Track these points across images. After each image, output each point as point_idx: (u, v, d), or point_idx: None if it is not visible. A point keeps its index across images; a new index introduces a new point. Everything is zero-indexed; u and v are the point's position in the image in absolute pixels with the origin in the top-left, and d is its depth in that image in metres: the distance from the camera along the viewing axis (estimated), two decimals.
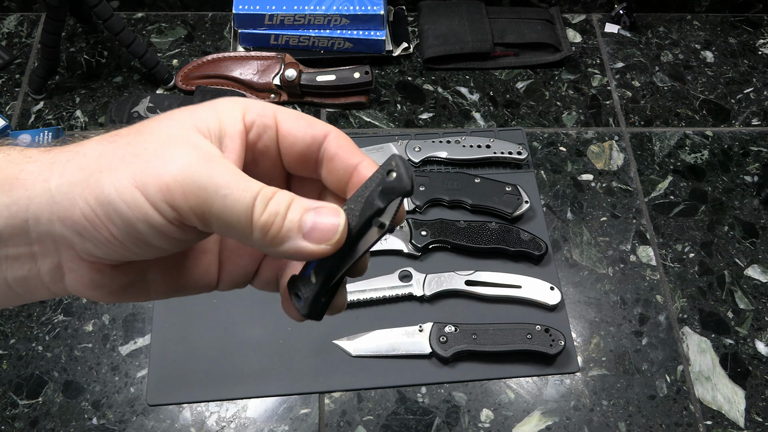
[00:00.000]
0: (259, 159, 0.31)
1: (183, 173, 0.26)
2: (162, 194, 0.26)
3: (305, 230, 0.27)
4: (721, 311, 0.85)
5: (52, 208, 0.27)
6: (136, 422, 0.74)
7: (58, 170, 0.27)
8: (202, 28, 1.08)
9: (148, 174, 0.26)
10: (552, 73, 1.05)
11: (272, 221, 0.27)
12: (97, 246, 0.27)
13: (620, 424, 0.76)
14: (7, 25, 1.06)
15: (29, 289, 0.29)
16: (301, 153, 0.31)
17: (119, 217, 0.26)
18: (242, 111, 0.30)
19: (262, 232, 0.27)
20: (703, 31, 1.12)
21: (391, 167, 0.28)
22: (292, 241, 0.27)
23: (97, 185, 0.26)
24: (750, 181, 0.96)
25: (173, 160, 0.26)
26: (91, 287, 0.29)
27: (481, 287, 0.82)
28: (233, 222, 0.27)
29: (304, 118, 0.31)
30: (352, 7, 0.99)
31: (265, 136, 0.30)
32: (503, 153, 0.92)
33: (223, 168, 0.27)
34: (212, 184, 0.26)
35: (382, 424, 0.75)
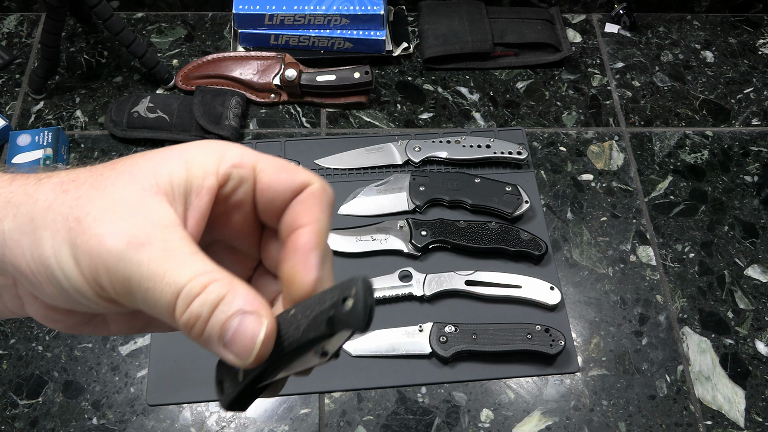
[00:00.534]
0: (231, 212, 0.29)
1: (111, 256, 0.25)
2: (90, 272, 0.25)
3: (225, 339, 0.25)
4: (721, 311, 0.85)
5: (3, 249, 0.26)
6: (136, 422, 0.74)
7: (11, 212, 0.26)
8: (202, 28, 1.08)
9: (82, 247, 0.25)
10: (552, 73, 1.05)
11: (192, 324, 0.25)
12: (42, 294, 0.27)
13: (620, 424, 0.76)
14: (7, 25, 1.07)
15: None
16: (278, 208, 0.28)
17: (56, 282, 0.26)
18: (216, 163, 0.27)
19: (185, 329, 0.25)
20: (703, 31, 1.12)
21: (351, 294, 0.24)
22: (213, 346, 0.26)
23: (39, 243, 0.26)
24: (750, 181, 0.96)
25: (107, 236, 0.25)
26: (48, 321, 0.29)
27: (481, 287, 0.82)
28: (158, 314, 0.25)
29: (285, 170, 0.28)
30: (352, 7, 0.99)
31: (241, 189, 0.28)
32: (503, 153, 0.92)
33: (156, 252, 0.25)
34: (137, 274, 0.25)
35: (382, 424, 0.75)
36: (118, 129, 0.94)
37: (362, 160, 0.93)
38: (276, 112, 0.99)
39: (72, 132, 0.96)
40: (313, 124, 0.98)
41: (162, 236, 0.25)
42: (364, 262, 0.84)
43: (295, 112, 0.99)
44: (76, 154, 0.94)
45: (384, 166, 0.92)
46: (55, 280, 0.26)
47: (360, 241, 0.84)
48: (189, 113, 0.93)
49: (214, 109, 0.93)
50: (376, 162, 0.92)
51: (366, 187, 0.90)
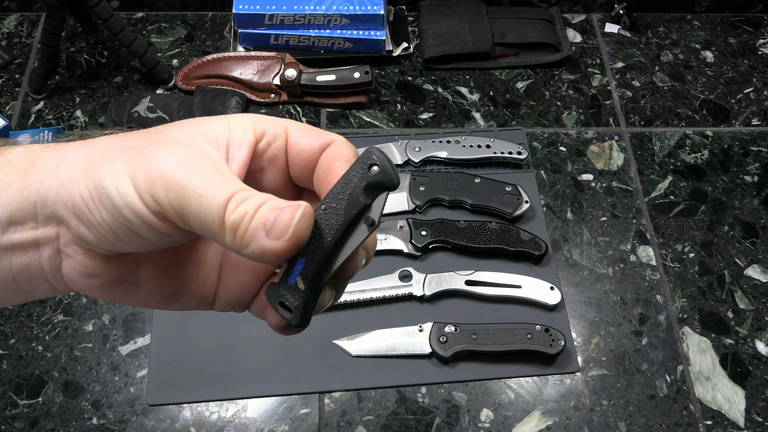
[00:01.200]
0: (267, 168, 0.32)
1: (168, 168, 0.27)
2: (147, 185, 0.27)
3: (267, 227, 0.27)
4: (721, 311, 0.85)
5: (58, 190, 0.28)
6: (136, 422, 0.74)
7: (69, 157, 0.29)
8: (202, 28, 1.08)
9: (140, 165, 0.27)
10: (552, 73, 1.05)
11: (240, 220, 0.27)
12: (90, 230, 0.28)
13: (620, 424, 0.76)
14: (7, 25, 1.06)
15: (31, 280, 0.30)
16: (307, 161, 0.31)
17: (109, 201, 0.27)
18: (254, 123, 0.31)
19: (231, 231, 0.27)
20: (703, 31, 1.12)
21: (374, 161, 0.27)
22: (256, 241, 0.27)
23: (96, 171, 0.28)
24: (750, 181, 0.96)
25: (165, 155, 0.28)
26: (84, 275, 0.30)
27: (481, 287, 0.82)
28: (207, 222, 0.27)
29: (313, 129, 0.32)
30: (352, 7, 0.99)
31: (275, 144, 0.31)
32: (503, 153, 0.92)
33: (209, 169, 0.28)
34: (191, 183, 0.27)
35: (382, 424, 0.75)
36: (118, 129, 0.94)
37: None
38: (276, 112, 0.99)
39: (72, 132, 0.96)
40: (313, 124, 0.98)
41: (212, 161, 0.28)
42: None
43: (295, 112, 0.99)
44: None
45: None
46: (109, 201, 0.27)
47: None
48: (189, 113, 0.93)
49: (214, 109, 0.93)
50: None
51: None
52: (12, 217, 0.29)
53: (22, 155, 0.29)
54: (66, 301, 0.81)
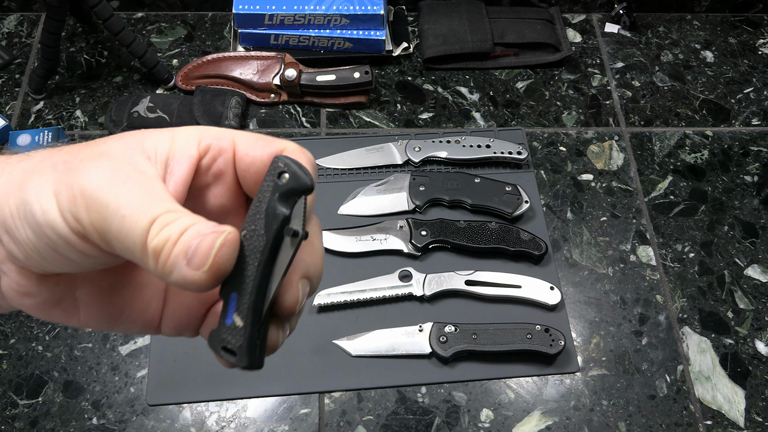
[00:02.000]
0: (213, 184, 0.30)
1: (91, 186, 0.25)
2: (69, 204, 0.25)
3: (188, 255, 0.25)
4: (721, 311, 0.85)
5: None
6: (136, 422, 0.74)
7: (7, 170, 0.28)
8: (202, 28, 1.08)
9: (65, 182, 0.26)
10: (552, 73, 1.05)
11: (162, 246, 0.25)
12: (18, 248, 0.27)
13: (620, 424, 0.76)
14: (7, 25, 1.06)
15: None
16: (259, 173, 0.29)
17: (33, 218, 0.26)
18: (198, 136, 0.29)
19: (153, 257, 0.25)
20: (703, 31, 1.12)
21: (281, 169, 0.25)
22: (177, 270, 0.25)
23: (25, 186, 0.26)
24: (750, 181, 0.96)
25: (91, 171, 0.26)
26: (20, 294, 0.29)
27: (481, 287, 0.82)
28: (130, 245, 0.25)
29: (262, 139, 0.29)
30: (352, 7, 0.99)
31: (221, 159, 0.29)
32: (503, 153, 0.92)
33: (136, 188, 0.26)
34: (114, 202, 0.25)
35: (382, 424, 0.75)
36: (118, 129, 0.94)
37: (362, 160, 0.93)
38: (276, 112, 0.99)
39: (72, 132, 0.96)
40: (313, 124, 0.98)
41: (143, 178, 0.26)
42: (364, 262, 0.84)
43: (295, 112, 0.99)
44: None
45: (384, 166, 0.92)
46: (32, 217, 0.26)
47: (360, 241, 0.84)
48: (189, 113, 0.93)
49: (214, 109, 0.93)
50: (376, 162, 0.92)
51: (366, 187, 0.90)
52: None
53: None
54: None
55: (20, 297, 0.29)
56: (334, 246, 0.84)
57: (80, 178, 0.26)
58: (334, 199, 0.89)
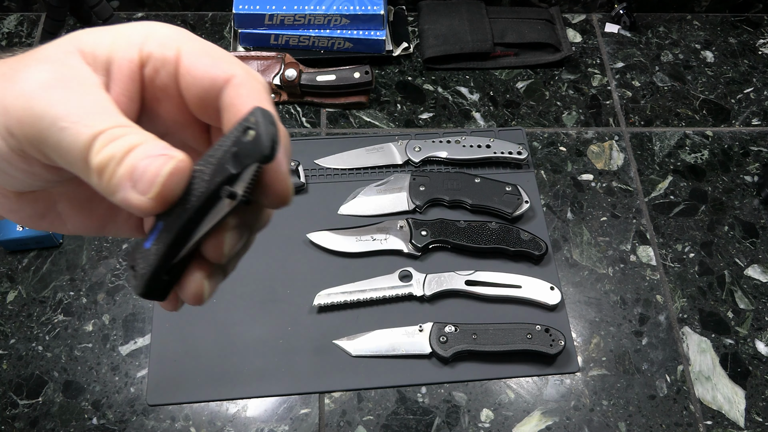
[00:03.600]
0: (161, 98, 0.26)
1: (23, 96, 0.23)
2: (2, 118, 0.23)
3: (135, 177, 0.23)
4: (721, 311, 0.85)
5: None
6: (136, 422, 0.74)
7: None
8: (202, 28, 1.08)
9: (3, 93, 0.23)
10: (552, 73, 1.05)
11: (105, 165, 0.23)
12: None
13: (620, 424, 0.76)
14: (7, 25, 1.06)
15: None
16: (200, 97, 0.26)
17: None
18: (142, 39, 0.25)
19: (97, 174, 0.23)
20: (703, 31, 1.12)
21: (250, 124, 0.23)
22: (122, 191, 0.23)
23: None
24: (750, 181, 0.96)
25: (25, 80, 0.23)
26: (5, 210, 0.28)
27: (481, 287, 0.82)
28: (70, 159, 0.23)
29: (209, 55, 0.25)
30: (352, 7, 0.99)
31: (163, 71, 0.25)
32: (503, 153, 0.92)
33: (73, 97, 0.23)
34: (50, 114, 0.23)
35: (382, 424, 0.75)
36: None
37: (362, 160, 0.93)
38: (276, 112, 0.99)
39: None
40: (313, 124, 0.98)
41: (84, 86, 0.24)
42: (364, 262, 0.84)
43: (295, 112, 0.99)
44: None
45: (384, 166, 0.92)
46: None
47: (360, 241, 0.84)
48: None
49: None
50: (376, 162, 0.92)
51: (366, 187, 0.90)
52: None
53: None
54: (66, 301, 0.81)
55: (6, 212, 0.28)
56: (334, 246, 0.84)
57: (14, 86, 0.23)
58: (334, 199, 0.89)
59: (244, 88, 0.25)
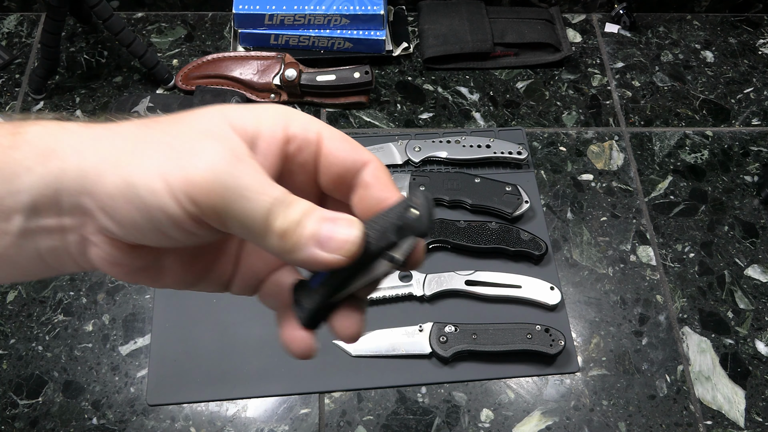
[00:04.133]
0: (295, 172, 0.31)
1: (210, 171, 0.26)
2: (185, 188, 0.26)
3: (321, 239, 0.27)
4: (721, 311, 0.85)
5: (82, 181, 0.27)
6: (136, 422, 0.74)
7: (93, 146, 0.28)
8: (202, 28, 1.08)
9: (175, 166, 0.26)
10: (552, 73, 1.05)
11: (287, 227, 0.27)
12: (115, 225, 0.28)
13: (620, 424, 0.76)
14: (7, 25, 1.07)
15: (59, 260, 0.30)
16: (339, 175, 0.31)
17: (140, 201, 0.26)
18: (285, 120, 0.30)
19: (278, 238, 0.27)
20: (703, 31, 1.12)
21: (414, 204, 0.28)
22: (307, 249, 0.27)
23: (125, 166, 0.27)
24: (750, 181, 0.96)
25: (202, 155, 0.27)
26: (110, 263, 0.30)
27: (481, 287, 0.82)
28: (250, 225, 0.27)
29: (348, 141, 0.31)
30: (352, 7, 0.99)
31: (306, 151, 0.30)
32: (503, 153, 0.92)
33: (250, 170, 0.27)
34: (236, 185, 0.26)
35: (382, 424, 0.75)
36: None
37: None
38: None
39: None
40: None
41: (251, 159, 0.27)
42: None
43: None
44: None
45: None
46: (139, 200, 0.26)
47: None
48: None
49: None
50: None
51: None
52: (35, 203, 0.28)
53: (39, 135, 0.28)
54: (66, 301, 0.81)
55: (110, 265, 0.30)
56: None
57: (193, 160, 0.26)
58: None
59: (381, 172, 0.31)
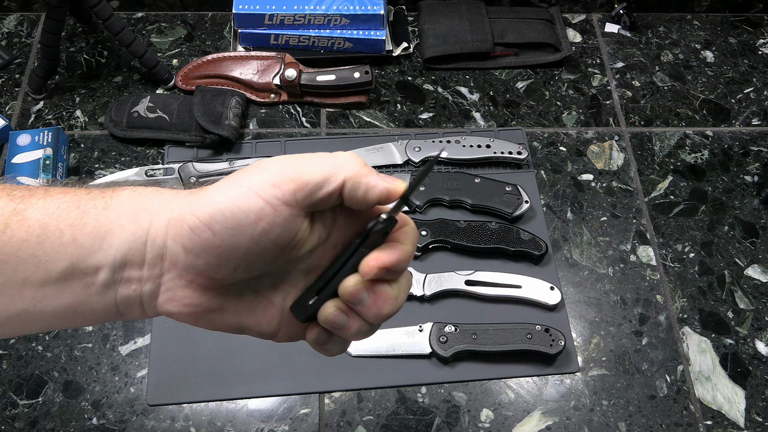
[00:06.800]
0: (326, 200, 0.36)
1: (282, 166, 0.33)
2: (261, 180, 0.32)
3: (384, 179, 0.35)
4: (721, 311, 0.85)
5: (167, 229, 0.32)
6: (136, 422, 0.74)
7: (177, 198, 0.33)
8: (202, 28, 1.07)
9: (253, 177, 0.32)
10: (552, 73, 1.05)
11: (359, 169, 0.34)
12: (198, 256, 0.32)
13: (620, 424, 0.76)
14: (7, 25, 1.06)
15: (129, 308, 0.34)
16: None
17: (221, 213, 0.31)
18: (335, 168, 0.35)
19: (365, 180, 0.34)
20: (703, 31, 1.12)
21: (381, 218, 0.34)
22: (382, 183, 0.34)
23: (206, 197, 0.32)
24: (750, 181, 0.96)
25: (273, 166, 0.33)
26: (180, 305, 0.34)
27: (481, 287, 0.82)
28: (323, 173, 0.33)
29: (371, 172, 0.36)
30: (352, 6, 0.99)
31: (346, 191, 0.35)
32: (503, 153, 0.92)
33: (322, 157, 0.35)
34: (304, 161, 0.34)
35: (382, 424, 0.75)
36: (118, 129, 0.94)
37: None
38: (276, 112, 0.99)
39: (72, 132, 0.96)
40: (313, 124, 0.98)
41: None
42: None
43: (295, 112, 0.99)
44: (76, 154, 0.94)
45: (384, 166, 0.92)
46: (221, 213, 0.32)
47: None
48: (189, 113, 0.93)
49: (214, 109, 0.93)
50: (376, 162, 0.92)
51: None
52: (125, 257, 0.32)
53: (131, 198, 0.33)
54: None
55: (181, 307, 0.34)
56: None
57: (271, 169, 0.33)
58: None
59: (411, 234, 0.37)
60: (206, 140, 0.92)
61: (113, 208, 0.32)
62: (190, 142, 0.93)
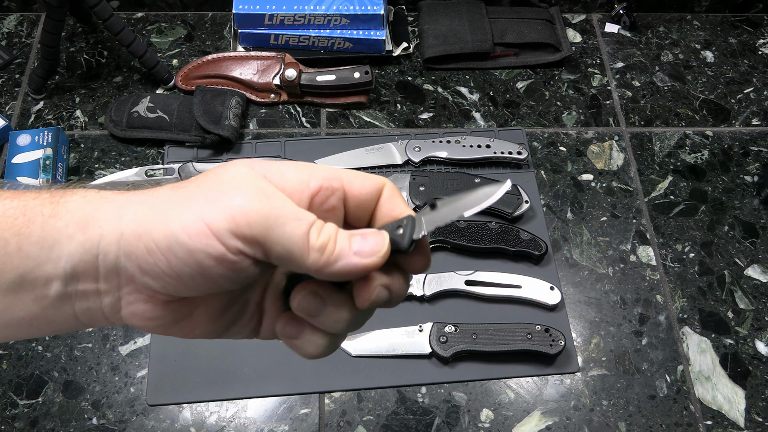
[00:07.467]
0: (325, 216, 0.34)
1: (247, 205, 0.29)
2: (227, 224, 0.29)
3: (356, 249, 0.31)
4: (721, 311, 0.85)
5: (119, 243, 0.30)
6: (136, 422, 0.74)
7: (131, 210, 0.30)
8: (202, 28, 1.08)
9: (215, 208, 0.29)
10: (552, 73, 1.05)
11: (325, 242, 0.30)
12: (155, 279, 0.30)
13: (620, 424, 0.76)
14: (7, 25, 1.06)
15: (92, 319, 0.32)
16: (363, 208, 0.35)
17: (183, 249, 0.29)
18: (308, 175, 0.33)
19: (318, 252, 0.30)
20: (703, 31, 1.12)
21: (403, 225, 0.32)
22: (345, 259, 0.31)
23: (163, 221, 0.29)
24: (750, 181, 0.96)
25: (238, 195, 0.30)
26: (145, 319, 0.32)
27: (481, 287, 0.82)
28: (292, 246, 0.30)
29: (365, 177, 0.34)
30: (352, 7, 0.99)
31: (333, 197, 0.33)
32: (503, 153, 0.92)
33: (281, 202, 0.30)
34: (273, 214, 0.29)
35: (382, 424, 0.75)
36: (117, 129, 0.94)
37: (362, 160, 0.93)
38: (276, 112, 0.99)
39: (72, 132, 0.96)
40: (313, 124, 0.98)
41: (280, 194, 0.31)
42: None
43: (295, 112, 0.99)
44: (76, 154, 0.94)
45: (384, 166, 0.92)
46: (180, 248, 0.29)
47: None
48: (189, 113, 0.93)
49: (214, 109, 0.93)
50: (376, 162, 0.92)
51: None
52: (75, 269, 0.30)
53: (80, 205, 0.31)
54: None
55: (144, 320, 0.32)
56: None
57: (231, 200, 0.29)
58: None
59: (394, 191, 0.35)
60: (206, 140, 0.92)
61: (61, 216, 0.30)
62: (190, 142, 0.93)
